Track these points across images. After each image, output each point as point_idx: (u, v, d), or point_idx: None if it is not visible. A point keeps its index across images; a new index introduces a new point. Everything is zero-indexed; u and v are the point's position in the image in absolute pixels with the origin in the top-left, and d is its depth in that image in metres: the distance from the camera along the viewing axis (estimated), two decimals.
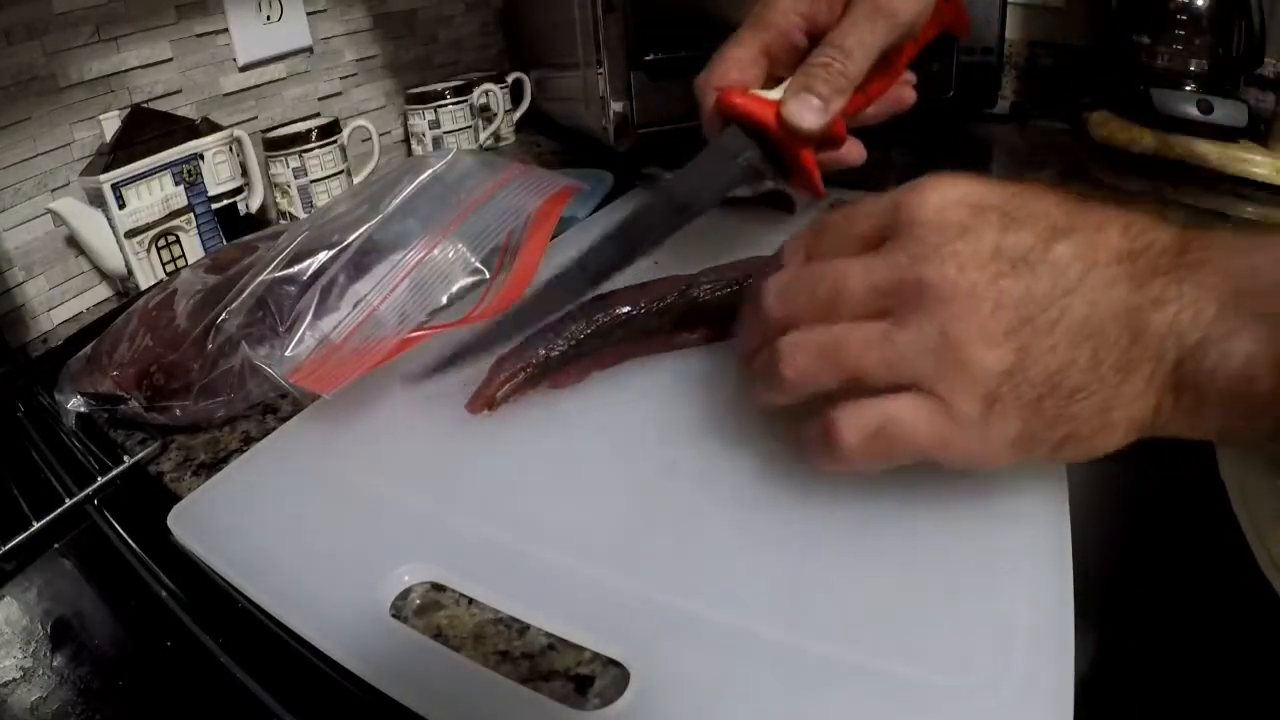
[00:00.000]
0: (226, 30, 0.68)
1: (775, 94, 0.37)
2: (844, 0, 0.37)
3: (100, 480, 0.38)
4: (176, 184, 0.60)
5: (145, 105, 0.62)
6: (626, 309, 0.38)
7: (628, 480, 0.32)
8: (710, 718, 0.23)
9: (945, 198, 0.26)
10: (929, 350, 0.24)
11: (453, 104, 0.81)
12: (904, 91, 0.42)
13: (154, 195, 0.58)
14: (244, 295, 0.40)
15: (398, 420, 0.38)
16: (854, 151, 0.40)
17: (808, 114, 0.36)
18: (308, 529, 0.32)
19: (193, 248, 0.62)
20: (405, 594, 0.29)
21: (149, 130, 0.59)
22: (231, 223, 0.64)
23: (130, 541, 0.35)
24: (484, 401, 0.37)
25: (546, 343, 0.37)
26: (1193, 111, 0.68)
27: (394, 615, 0.28)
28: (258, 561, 0.30)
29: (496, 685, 0.25)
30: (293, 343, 0.40)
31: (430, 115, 0.81)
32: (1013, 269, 0.24)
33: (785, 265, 0.30)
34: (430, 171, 0.44)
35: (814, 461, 0.28)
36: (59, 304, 0.60)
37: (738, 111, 0.37)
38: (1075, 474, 0.29)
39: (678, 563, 0.28)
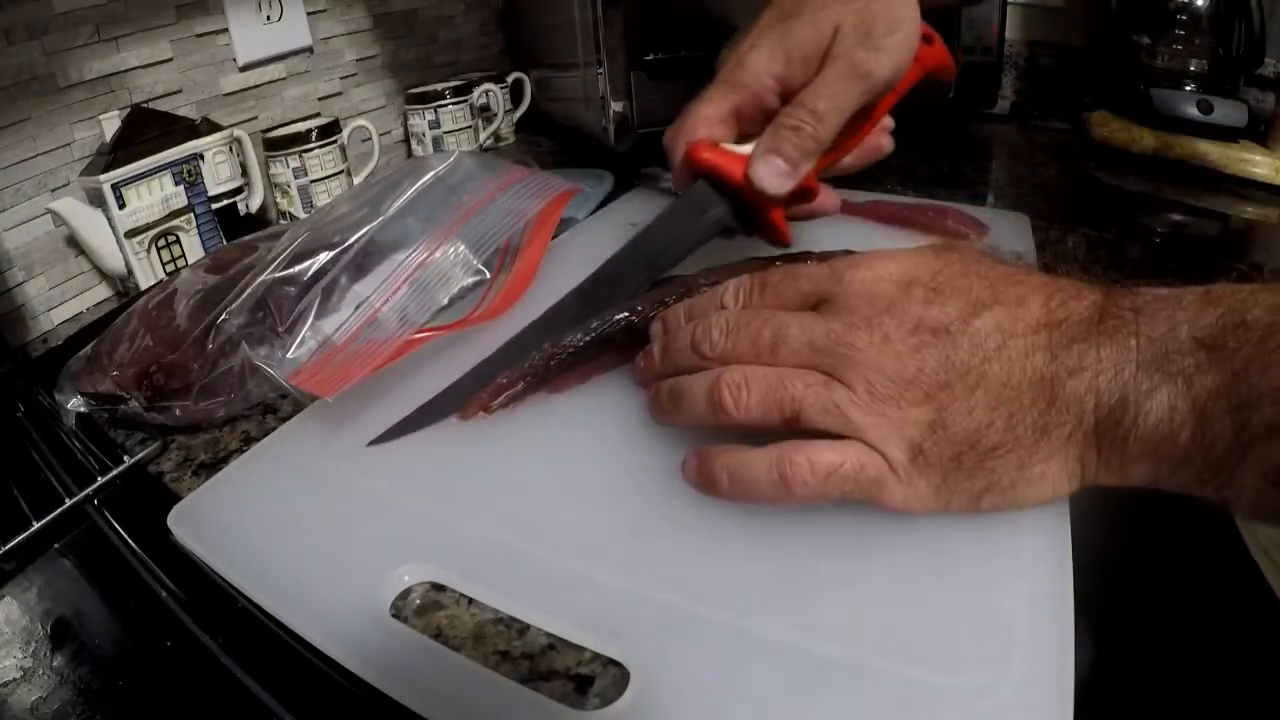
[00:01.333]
0: (226, 30, 0.68)
1: (746, 149, 0.37)
2: (819, 59, 0.36)
3: (100, 480, 0.38)
4: (176, 184, 0.60)
5: (145, 105, 0.62)
6: (625, 314, 0.38)
7: (627, 480, 0.32)
8: (711, 717, 0.23)
9: (877, 274, 0.28)
10: (858, 404, 0.27)
11: (453, 104, 0.81)
12: (881, 140, 0.41)
13: (154, 195, 0.58)
14: (244, 295, 0.40)
15: (397, 420, 0.38)
16: (827, 201, 0.40)
17: (774, 178, 0.36)
18: (308, 529, 0.32)
19: (193, 248, 0.62)
20: (405, 594, 0.29)
21: (149, 130, 0.59)
22: (231, 223, 0.64)
23: (130, 541, 0.35)
24: (478, 408, 0.37)
25: (545, 353, 0.37)
26: (1193, 111, 0.68)
27: (394, 615, 0.28)
28: (258, 561, 0.30)
29: (497, 685, 0.25)
30: (294, 344, 0.40)
31: (430, 115, 0.81)
32: (934, 339, 0.26)
33: (724, 306, 0.32)
34: (432, 174, 0.44)
35: (757, 496, 0.28)
36: (59, 304, 0.60)
37: (705, 166, 0.37)
38: None
39: (678, 563, 0.28)
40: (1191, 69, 0.70)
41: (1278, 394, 0.22)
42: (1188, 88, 0.69)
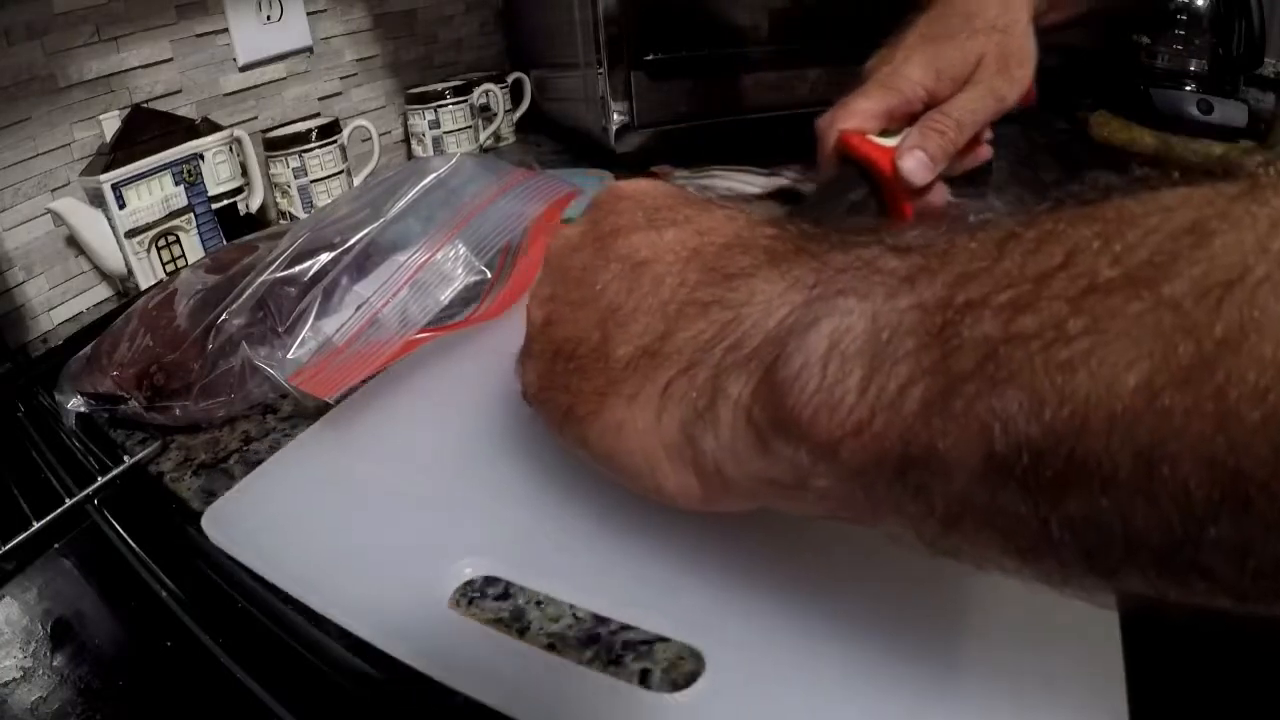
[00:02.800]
0: (226, 30, 0.68)
1: (888, 141, 0.42)
2: (962, 79, 0.43)
3: (100, 480, 0.38)
4: (176, 184, 0.60)
5: (145, 105, 0.62)
6: None
7: None
8: (785, 695, 0.23)
9: (611, 190, 0.27)
10: (530, 300, 0.27)
11: (453, 104, 0.81)
12: (982, 150, 0.48)
13: (154, 195, 0.58)
14: (245, 295, 0.40)
15: (432, 414, 0.38)
16: (939, 195, 0.45)
17: (919, 170, 0.41)
18: (354, 527, 0.31)
19: (193, 248, 0.62)
20: (466, 587, 0.29)
21: (149, 130, 0.59)
22: (231, 223, 0.64)
23: (130, 541, 0.35)
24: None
25: None
26: (1193, 111, 0.68)
27: (455, 608, 0.28)
28: (301, 562, 0.30)
29: (570, 672, 0.25)
30: (294, 345, 0.40)
31: (430, 115, 0.81)
32: (592, 245, 0.25)
33: None
34: (434, 175, 0.44)
35: None
36: (59, 304, 0.60)
37: (857, 153, 0.42)
38: None
39: (738, 547, 0.28)
40: (1191, 69, 0.70)
41: (1015, 297, 0.13)
42: (1188, 88, 0.69)
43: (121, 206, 0.57)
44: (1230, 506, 0.11)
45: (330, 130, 0.70)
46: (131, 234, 0.58)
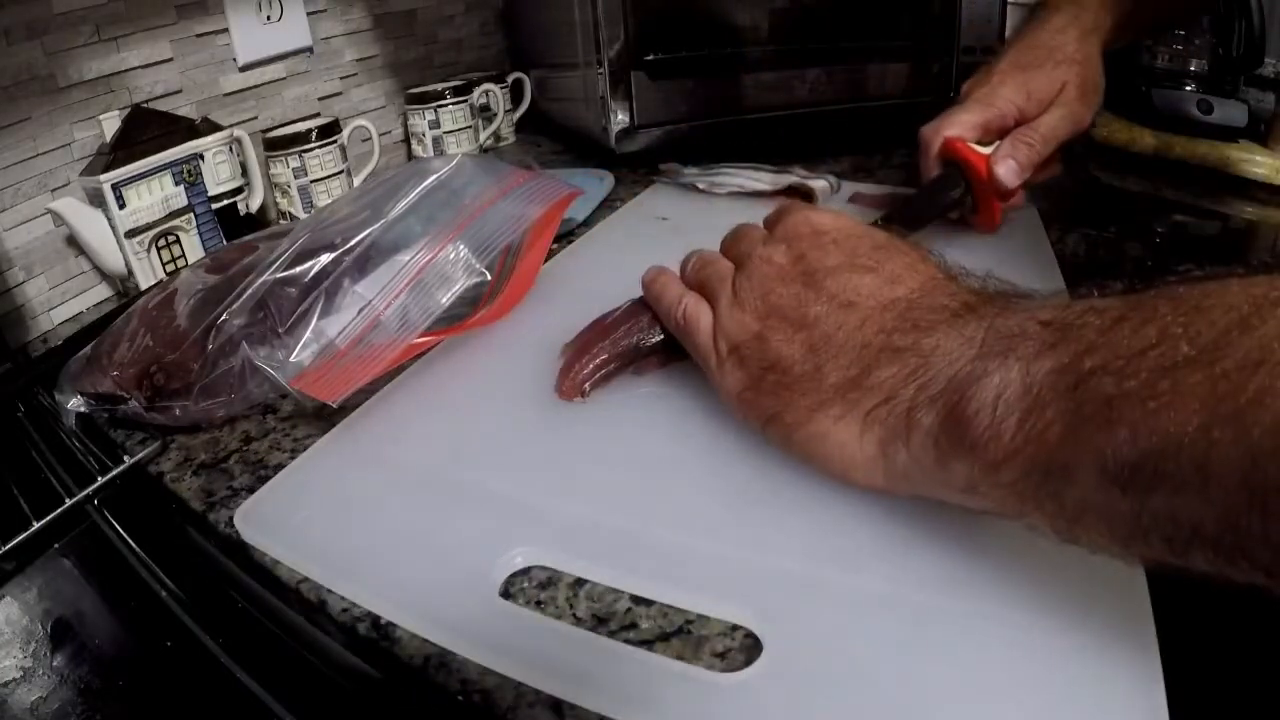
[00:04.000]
0: (226, 30, 0.68)
1: (983, 149, 0.50)
2: (1047, 102, 0.51)
3: (100, 480, 0.38)
4: (176, 184, 0.60)
5: (145, 105, 0.62)
6: None
7: (723, 455, 0.33)
8: (841, 670, 0.24)
9: (807, 219, 0.33)
10: (725, 297, 0.33)
11: (453, 104, 0.81)
12: (1055, 166, 0.54)
13: (154, 195, 0.58)
14: (245, 296, 0.40)
15: (468, 406, 0.38)
16: (1019, 200, 0.53)
17: (1011, 175, 0.49)
18: (396, 520, 0.31)
19: (193, 248, 0.62)
20: (515, 577, 0.29)
21: (149, 130, 0.59)
22: (231, 223, 0.64)
23: (130, 541, 0.35)
24: (576, 387, 0.37)
25: (640, 332, 0.38)
26: (1193, 111, 0.68)
27: (506, 598, 0.28)
28: (345, 556, 0.30)
29: (629, 657, 0.25)
30: (296, 347, 0.40)
31: (430, 115, 0.81)
32: (801, 277, 0.30)
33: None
34: (434, 177, 0.44)
35: (656, 303, 0.37)
36: (59, 304, 0.60)
37: (959, 155, 0.50)
38: None
39: (786, 529, 0.29)
40: (1191, 69, 0.70)
41: (1124, 365, 0.20)
42: (1188, 88, 0.69)
43: (121, 206, 0.57)
44: (1257, 506, 0.16)
45: (330, 130, 0.70)
46: (131, 234, 0.58)
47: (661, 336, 0.38)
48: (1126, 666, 0.22)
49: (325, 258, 0.42)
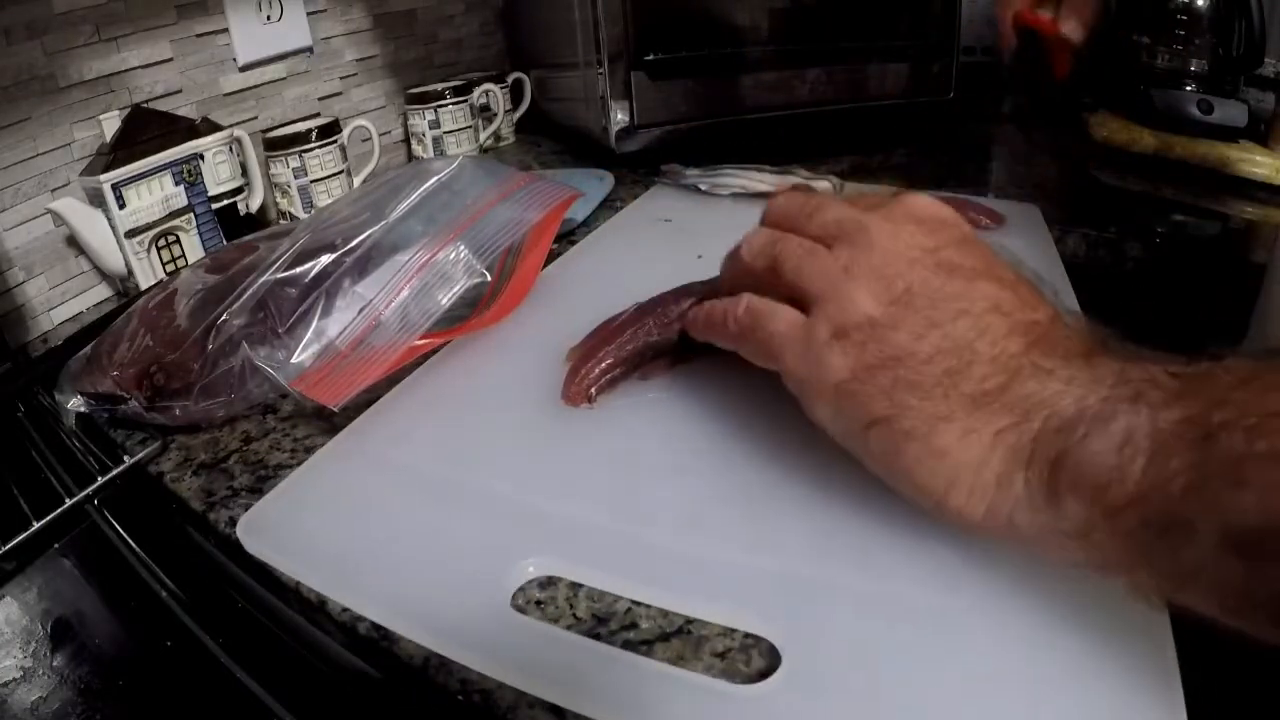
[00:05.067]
0: (226, 30, 0.68)
1: (1047, 15, 0.68)
2: None
3: (100, 480, 0.38)
4: (176, 184, 0.60)
5: (145, 105, 0.62)
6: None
7: (732, 460, 0.32)
8: (861, 675, 0.23)
9: (931, 204, 0.30)
10: (827, 273, 0.28)
11: (453, 104, 0.81)
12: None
13: (154, 195, 0.58)
14: (245, 296, 0.40)
15: (473, 413, 0.38)
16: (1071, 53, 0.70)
17: (1077, 30, 0.68)
18: (405, 529, 0.31)
19: (193, 248, 0.62)
20: (527, 587, 0.28)
21: (149, 130, 0.59)
22: (231, 223, 0.64)
23: (130, 541, 0.35)
24: (583, 393, 0.37)
25: (646, 336, 0.38)
26: (1193, 111, 0.68)
27: (517, 608, 0.27)
28: (351, 568, 0.29)
29: (642, 668, 0.25)
30: (297, 347, 0.40)
31: (430, 115, 0.81)
32: (935, 268, 0.27)
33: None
34: (435, 179, 0.44)
35: (704, 322, 0.34)
36: (59, 304, 0.60)
37: (1033, 22, 0.68)
38: None
39: (798, 534, 0.28)
40: (1191, 69, 0.70)
41: (1255, 424, 0.19)
42: (1188, 88, 0.69)
43: (121, 206, 0.57)
44: None
45: (330, 130, 0.70)
46: (131, 234, 0.58)
47: (670, 338, 0.37)
48: (1145, 673, 0.22)
49: (326, 258, 0.42)
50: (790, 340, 0.28)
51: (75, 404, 0.41)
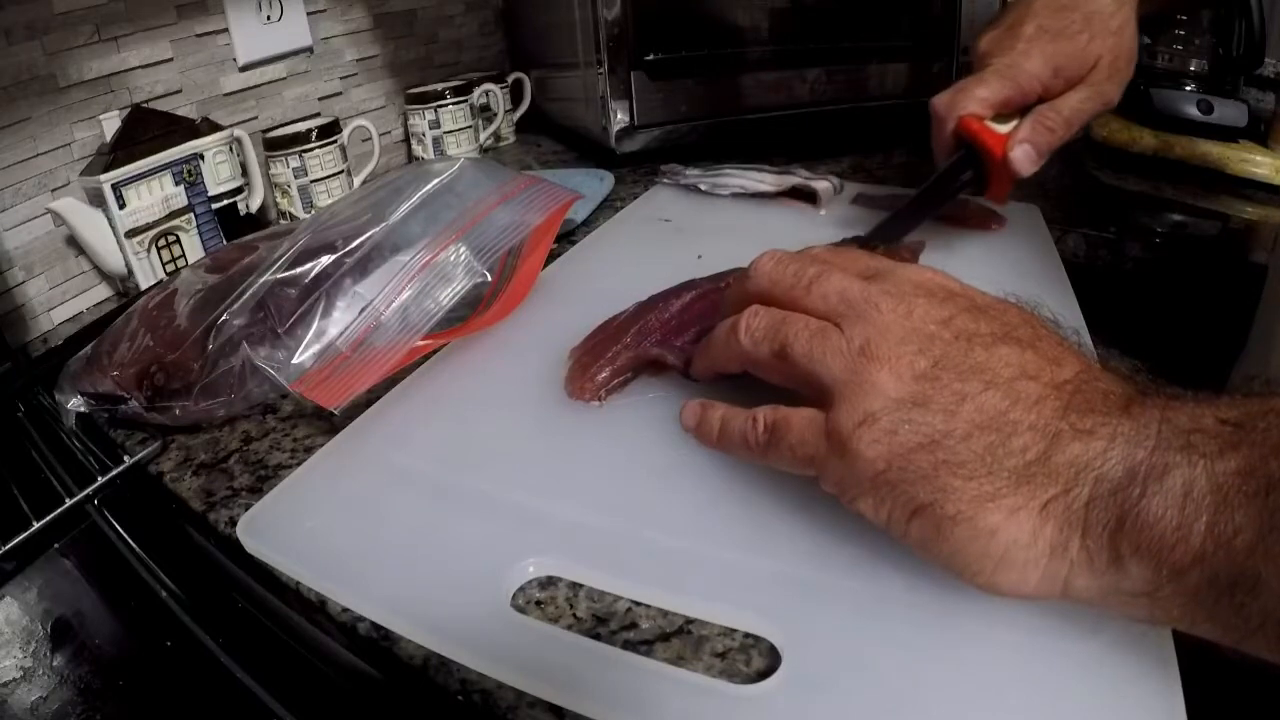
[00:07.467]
0: (226, 30, 0.68)
1: (1001, 128, 0.47)
2: (1076, 80, 0.46)
3: (100, 480, 0.38)
4: (176, 184, 0.60)
5: (145, 105, 0.62)
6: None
7: (733, 462, 0.32)
8: (861, 675, 0.24)
9: (937, 275, 0.28)
10: (844, 354, 0.26)
11: (453, 104, 0.81)
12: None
13: (154, 195, 0.58)
14: (245, 296, 0.40)
15: (473, 414, 0.38)
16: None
17: (1027, 162, 0.46)
18: (406, 530, 0.30)
19: (193, 248, 0.62)
20: (527, 587, 0.28)
21: (149, 130, 0.59)
22: (231, 223, 0.64)
23: (130, 541, 0.35)
24: (594, 391, 0.37)
25: (652, 334, 0.38)
26: (1193, 111, 0.68)
27: (517, 609, 0.27)
28: (351, 569, 0.29)
29: (643, 668, 0.25)
30: (298, 348, 0.39)
31: (430, 115, 0.81)
32: (955, 339, 0.25)
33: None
34: (436, 180, 0.44)
35: (733, 450, 0.31)
36: (59, 304, 0.60)
37: (974, 137, 0.47)
38: None
39: (798, 535, 0.28)
40: (1191, 69, 0.70)
41: None
42: (1188, 88, 0.69)
43: (121, 206, 0.57)
44: None
45: (330, 130, 0.70)
46: (131, 234, 0.58)
47: (678, 365, 0.37)
48: (1145, 675, 0.23)
49: (326, 259, 0.42)
50: (816, 446, 0.26)
51: (75, 404, 0.41)
